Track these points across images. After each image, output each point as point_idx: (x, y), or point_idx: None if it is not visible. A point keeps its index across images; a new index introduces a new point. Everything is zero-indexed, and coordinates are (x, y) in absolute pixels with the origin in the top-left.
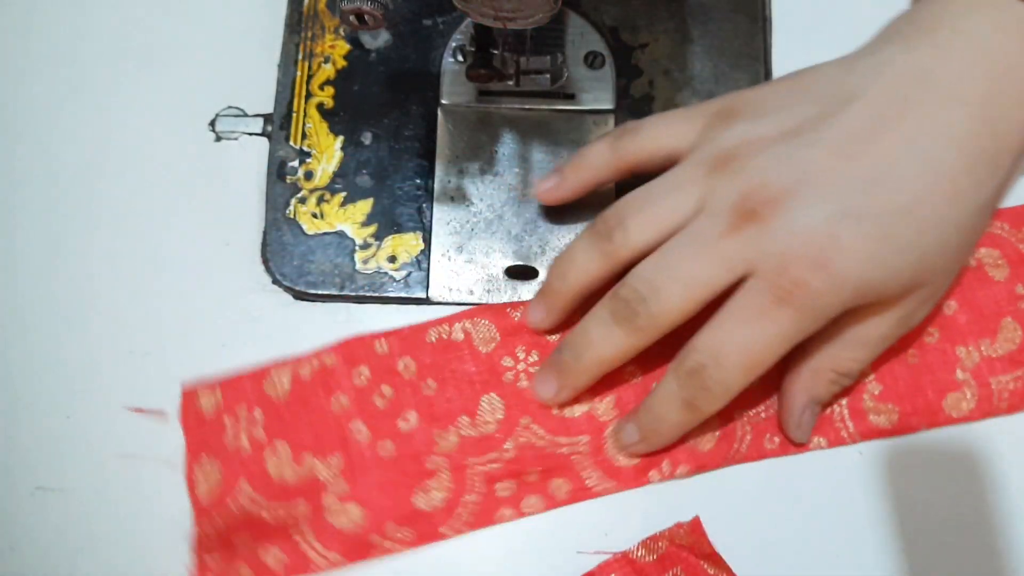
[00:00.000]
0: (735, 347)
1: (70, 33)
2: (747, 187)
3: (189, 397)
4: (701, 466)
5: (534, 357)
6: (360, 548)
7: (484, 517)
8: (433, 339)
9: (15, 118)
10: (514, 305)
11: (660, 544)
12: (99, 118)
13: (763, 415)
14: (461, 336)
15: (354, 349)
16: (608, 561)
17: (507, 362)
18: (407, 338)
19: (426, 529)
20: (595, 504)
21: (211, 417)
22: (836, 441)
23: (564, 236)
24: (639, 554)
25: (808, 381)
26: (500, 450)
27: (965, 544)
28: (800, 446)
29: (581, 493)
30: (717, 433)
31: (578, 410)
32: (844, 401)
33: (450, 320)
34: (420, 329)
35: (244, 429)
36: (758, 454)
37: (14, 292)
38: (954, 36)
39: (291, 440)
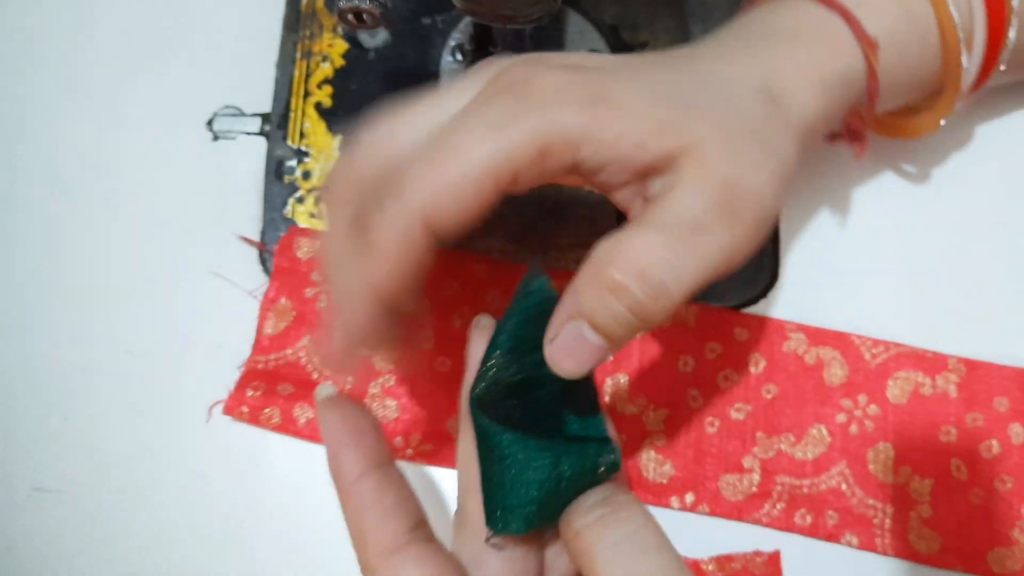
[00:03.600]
0: None
1: (68, 33)
2: None
3: (291, 236)
4: (723, 513)
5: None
6: None
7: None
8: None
9: (13, 118)
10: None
11: (733, 565)
12: (97, 117)
13: (805, 489)
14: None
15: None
16: None
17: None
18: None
19: (448, 453)
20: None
21: (303, 266)
22: (867, 545)
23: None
24: (709, 567)
25: (584, 283)
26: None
27: None
28: (830, 535)
29: None
30: (754, 489)
31: (629, 408)
32: (890, 510)
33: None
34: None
35: (327, 290)
36: (785, 525)
37: (12, 292)
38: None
39: None
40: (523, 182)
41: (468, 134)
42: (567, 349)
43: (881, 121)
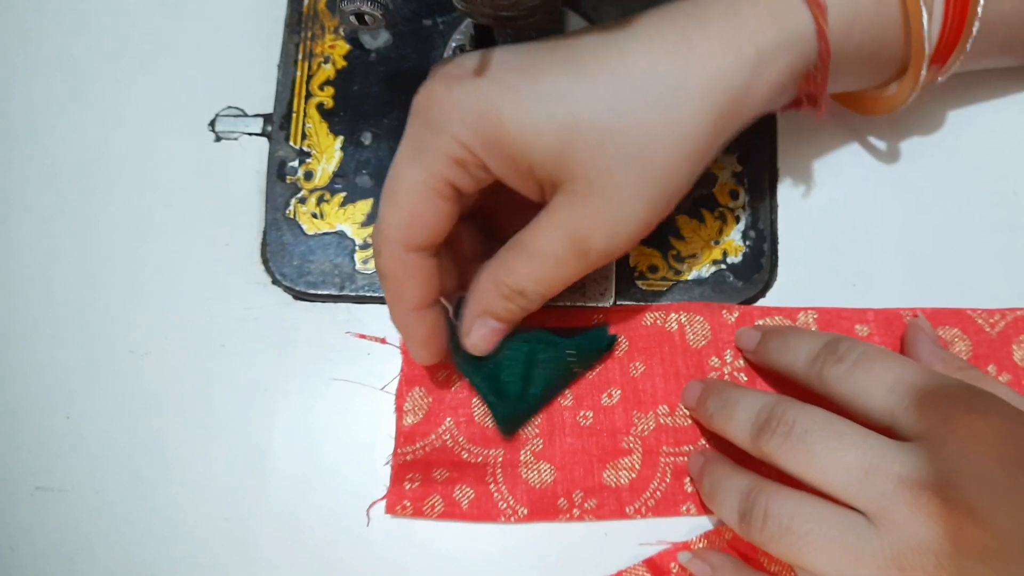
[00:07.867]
0: None
1: (70, 33)
2: None
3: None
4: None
5: (740, 362)
6: (547, 509)
7: (670, 507)
8: (648, 323)
9: (15, 118)
10: (730, 308)
11: (725, 536)
12: (99, 118)
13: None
14: (675, 327)
15: (575, 317)
16: (668, 550)
17: (714, 362)
18: (625, 317)
19: (613, 506)
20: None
21: None
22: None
23: None
24: (700, 545)
25: (484, 289)
26: (696, 444)
27: None
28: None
29: None
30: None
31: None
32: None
33: (667, 309)
34: (638, 310)
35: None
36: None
37: (14, 292)
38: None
39: None
40: (466, 185)
41: (401, 162)
42: (481, 336)
43: (854, 96)
